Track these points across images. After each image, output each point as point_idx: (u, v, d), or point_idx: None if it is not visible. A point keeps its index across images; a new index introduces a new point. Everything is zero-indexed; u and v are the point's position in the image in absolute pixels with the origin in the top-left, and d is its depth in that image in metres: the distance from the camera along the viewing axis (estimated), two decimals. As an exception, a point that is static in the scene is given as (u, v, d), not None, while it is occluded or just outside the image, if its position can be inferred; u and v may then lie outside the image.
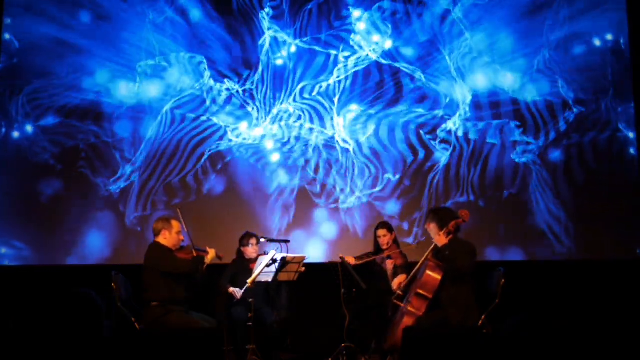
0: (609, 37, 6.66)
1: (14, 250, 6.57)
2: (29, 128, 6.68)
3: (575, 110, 6.60)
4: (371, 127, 6.71)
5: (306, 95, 6.77)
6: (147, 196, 6.66)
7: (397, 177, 6.62)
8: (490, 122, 6.64)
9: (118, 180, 6.64)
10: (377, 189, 6.65)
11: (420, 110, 6.70)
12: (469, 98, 6.67)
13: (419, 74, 6.72)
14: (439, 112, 6.69)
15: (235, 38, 6.82)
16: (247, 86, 6.77)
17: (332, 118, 6.73)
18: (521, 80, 6.66)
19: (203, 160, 6.69)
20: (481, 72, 6.69)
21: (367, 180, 6.67)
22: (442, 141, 6.66)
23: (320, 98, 6.76)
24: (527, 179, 6.58)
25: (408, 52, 6.76)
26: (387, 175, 6.64)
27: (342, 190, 6.67)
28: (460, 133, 6.66)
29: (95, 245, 6.58)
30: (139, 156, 6.68)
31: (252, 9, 6.84)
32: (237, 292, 5.54)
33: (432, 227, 5.08)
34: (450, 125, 6.66)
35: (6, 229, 6.59)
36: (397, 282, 5.37)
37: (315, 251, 6.54)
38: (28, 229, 6.59)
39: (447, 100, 6.68)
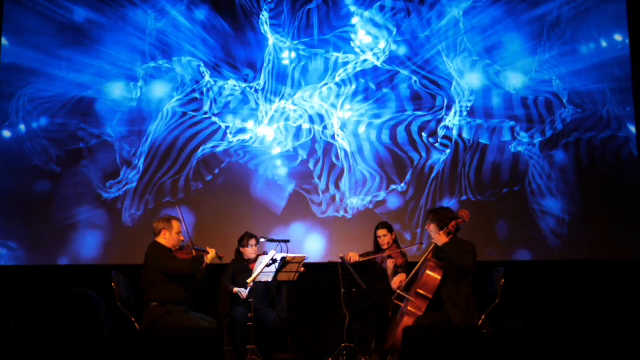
0: (609, 38, 6.65)
1: (9, 251, 6.58)
2: (29, 127, 6.69)
3: (575, 110, 6.60)
4: (372, 130, 6.70)
5: (307, 99, 6.76)
6: (145, 195, 6.67)
7: (403, 185, 6.61)
8: (490, 122, 6.64)
9: (118, 184, 6.64)
10: (378, 192, 6.64)
11: (421, 112, 6.69)
12: (468, 98, 6.67)
13: (419, 75, 6.72)
14: (439, 113, 6.68)
15: (238, 39, 6.82)
16: (249, 86, 6.77)
17: (332, 120, 6.73)
18: (521, 81, 6.66)
19: (201, 160, 6.70)
20: (481, 73, 6.69)
21: (367, 182, 6.66)
22: (444, 138, 6.65)
23: (321, 101, 6.75)
24: (527, 178, 6.57)
25: (408, 53, 6.75)
26: (393, 186, 6.62)
27: (343, 193, 6.66)
28: (459, 132, 6.65)
29: (93, 245, 6.60)
30: (139, 156, 6.69)
31: (255, 9, 6.83)
32: (243, 292, 5.54)
33: (432, 228, 5.08)
34: (450, 125, 6.66)
35: (2, 229, 6.60)
36: (397, 280, 5.37)
37: (314, 250, 6.54)
38: (23, 229, 6.60)
39: (447, 100, 6.68)
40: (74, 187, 6.64)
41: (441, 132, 6.66)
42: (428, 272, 4.94)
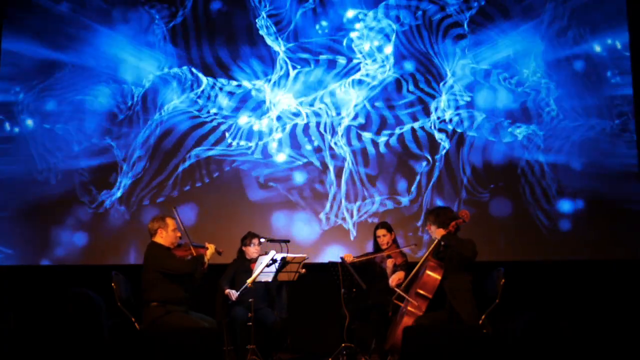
0: (608, 40, 6.65)
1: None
2: (25, 128, 6.72)
3: (573, 110, 6.60)
4: (374, 137, 6.68)
5: (306, 107, 6.74)
6: (139, 195, 6.67)
7: (412, 192, 6.60)
8: (487, 121, 6.63)
9: (112, 190, 6.66)
10: (383, 200, 6.63)
11: (420, 117, 6.67)
12: (465, 98, 6.66)
13: (418, 79, 6.71)
14: (438, 117, 6.66)
15: (242, 41, 6.81)
16: (252, 89, 6.76)
17: (336, 128, 6.72)
18: (520, 84, 6.65)
19: (199, 162, 6.69)
20: (479, 74, 6.68)
21: (371, 191, 6.64)
22: (441, 135, 6.65)
23: (324, 107, 6.73)
24: (526, 178, 6.57)
25: (409, 59, 6.74)
26: (403, 199, 6.61)
27: (346, 202, 6.65)
28: (457, 134, 6.64)
29: (89, 245, 6.61)
30: (138, 158, 6.69)
31: (257, 10, 6.84)
32: (233, 293, 5.55)
33: (433, 229, 5.08)
34: (448, 127, 6.65)
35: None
36: (395, 278, 5.36)
37: (315, 249, 6.54)
38: (14, 230, 6.63)
39: (445, 105, 6.67)
40: (67, 187, 6.64)
41: (440, 135, 6.65)
42: (428, 272, 4.94)
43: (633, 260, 6.37)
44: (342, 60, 6.76)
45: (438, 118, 6.67)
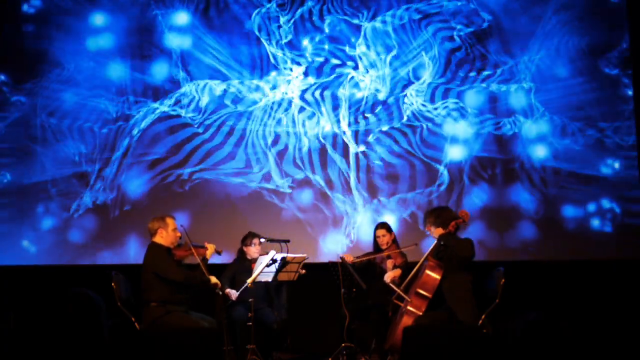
0: (609, 43, 6.66)
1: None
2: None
3: (571, 110, 6.62)
4: (380, 144, 6.69)
5: (307, 103, 6.76)
6: (127, 196, 6.68)
7: (411, 196, 6.60)
8: (484, 121, 6.64)
9: (94, 191, 6.65)
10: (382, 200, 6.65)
11: (418, 122, 6.68)
12: (466, 107, 6.68)
13: (415, 82, 6.72)
14: (435, 126, 6.69)
15: (243, 43, 6.82)
16: (253, 92, 6.77)
17: (335, 130, 6.72)
18: (521, 88, 6.68)
19: (195, 171, 6.71)
20: (481, 84, 6.70)
21: (370, 191, 6.65)
22: (442, 141, 6.67)
23: (324, 110, 6.73)
24: (529, 176, 6.57)
25: (411, 68, 6.75)
26: (403, 200, 6.62)
27: (346, 199, 6.66)
28: (456, 128, 6.65)
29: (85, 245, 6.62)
30: (121, 159, 6.69)
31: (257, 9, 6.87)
32: (233, 293, 5.55)
33: (433, 230, 5.08)
34: (449, 130, 6.67)
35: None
36: (392, 275, 5.37)
37: (315, 249, 6.55)
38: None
39: (444, 105, 6.69)
40: (50, 186, 6.65)
41: (441, 135, 6.67)
42: (428, 271, 4.94)
43: (633, 260, 6.37)
44: (340, 64, 6.76)
45: (436, 119, 6.69)
